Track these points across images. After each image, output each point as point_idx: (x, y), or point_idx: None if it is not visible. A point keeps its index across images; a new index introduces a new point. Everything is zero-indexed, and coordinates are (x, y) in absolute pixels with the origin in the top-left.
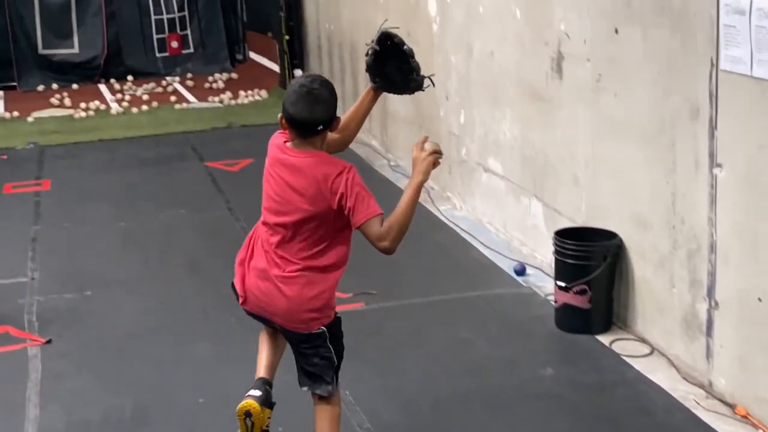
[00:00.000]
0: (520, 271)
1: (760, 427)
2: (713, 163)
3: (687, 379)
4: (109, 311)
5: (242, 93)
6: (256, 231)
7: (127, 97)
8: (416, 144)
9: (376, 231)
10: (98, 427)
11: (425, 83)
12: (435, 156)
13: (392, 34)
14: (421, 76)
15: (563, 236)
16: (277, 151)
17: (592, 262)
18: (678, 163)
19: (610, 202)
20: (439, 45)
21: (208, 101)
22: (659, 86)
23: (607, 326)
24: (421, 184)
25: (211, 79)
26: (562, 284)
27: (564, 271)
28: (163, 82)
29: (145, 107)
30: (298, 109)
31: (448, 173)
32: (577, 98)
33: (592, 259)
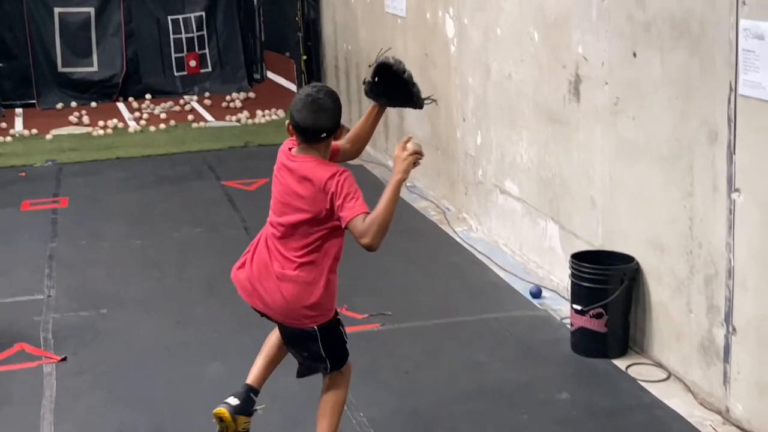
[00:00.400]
0: (535, 293)
1: None
2: (731, 188)
3: (704, 404)
4: (125, 329)
5: (259, 112)
6: (263, 231)
7: (145, 116)
8: (399, 143)
9: (359, 228)
10: None
11: (427, 101)
12: (415, 156)
13: (389, 64)
14: (422, 100)
15: (579, 259)
16: (283, 156)
17: (609, 286)
18: (696, 187)
19: (627, 226)
20: (456, 66)
21: (225, 120)
22: (677, 110)
23: (623, 350)
24: (400, 182)
25: (228, 98)
26: (578, 307)
27: (580, 294)
28: (181, 101)
29: (162, 126)
30: (303, 116)
31: (465, 194)
32: (594, 121)
33: (608, 282)
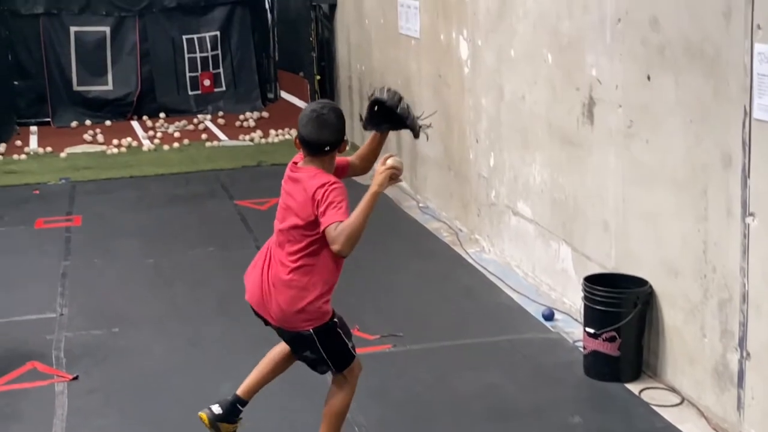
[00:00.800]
0: (548, 316)
1: None
2: (746, 212)
3: (717, 430)
4: (137, 349)
5: (273, 132)
6: (270, 240)
7: (159, 134)
8: (383, 158)
9: (331, 235)
10: None
11: (425, 128)
12: (392, 170)
13: (383, 101)
14: (418, 130)
15: (593, 282)
16: (288, 168)
17: (622, 309)
18: (710, 211)
19: (640, 249)
20: (470, 88)
21: (238, 139)
22: (691, 133)
23: (636, 374)
24: (375, 194)
25: (242, 117)
26: (591, 331)
27: (593, 317)
28: (195, 120)
29: (176, 144)
30: (308, 130)
31: (477, 215)
32: (608, 144)
33: (621, 306)
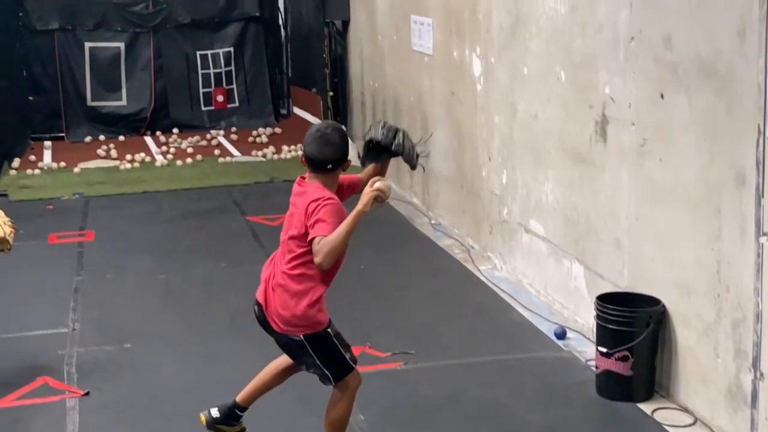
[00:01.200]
0: (560, 334)
1: None
2: (760, 232)
3: None
4: (149, 365)
5: (285, 148)
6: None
7: (172, 150)
8: (371, 180)
9: (314, 248)
10: None
11: (420, 160)
12: (377, 193)
13: (377, 140)
14: (415, 162)
15: (605, 301)
16: (296, 182)
17: (635, 329)
18: (723, 230)
19: (653, 268)
20: (482, 105)
21: (251, 155)
22: (705, 152)
23: (649, 394)
24: (359, 213)
25: (255, 133)
26: (604, 350)
27: (605, 336)
28: (208, 136)
29: (189, 160)
30: (312, 149)
31: (490, 233)
32: (620, 162)
33: (634, 325)
